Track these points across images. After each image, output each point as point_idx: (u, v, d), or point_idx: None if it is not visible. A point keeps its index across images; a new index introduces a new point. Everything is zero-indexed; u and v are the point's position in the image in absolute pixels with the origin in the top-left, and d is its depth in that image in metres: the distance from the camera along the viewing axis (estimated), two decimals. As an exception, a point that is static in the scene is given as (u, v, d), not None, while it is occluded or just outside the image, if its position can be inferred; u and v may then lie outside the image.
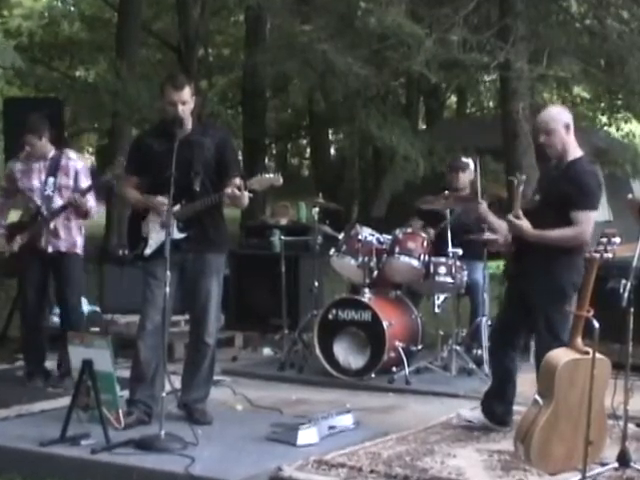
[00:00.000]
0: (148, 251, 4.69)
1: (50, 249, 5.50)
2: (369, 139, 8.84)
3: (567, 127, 4.42)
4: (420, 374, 5.82)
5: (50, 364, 5.74)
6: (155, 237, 4.67)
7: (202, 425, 4.58)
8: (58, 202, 5.49)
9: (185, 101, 4.61)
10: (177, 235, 4.60)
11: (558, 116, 4.44)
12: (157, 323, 4.57)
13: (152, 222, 4.70)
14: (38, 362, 5.66)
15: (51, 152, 5.56)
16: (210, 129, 4.84)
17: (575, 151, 4.45)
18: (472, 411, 4.78)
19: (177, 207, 4.58)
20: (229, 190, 4.54)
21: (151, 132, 4.94)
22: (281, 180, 4.68)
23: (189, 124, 4.68)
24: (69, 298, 5.61)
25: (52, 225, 5.47)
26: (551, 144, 4.41)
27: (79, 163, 5.63)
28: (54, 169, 5.51)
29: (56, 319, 6.05)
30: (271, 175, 4.68)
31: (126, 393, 4.72)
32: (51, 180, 5.49)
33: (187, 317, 5.40)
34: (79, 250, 5.61)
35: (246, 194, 4.54)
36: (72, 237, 5.56)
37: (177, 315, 5.94)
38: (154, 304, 4.57)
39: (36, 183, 5.53)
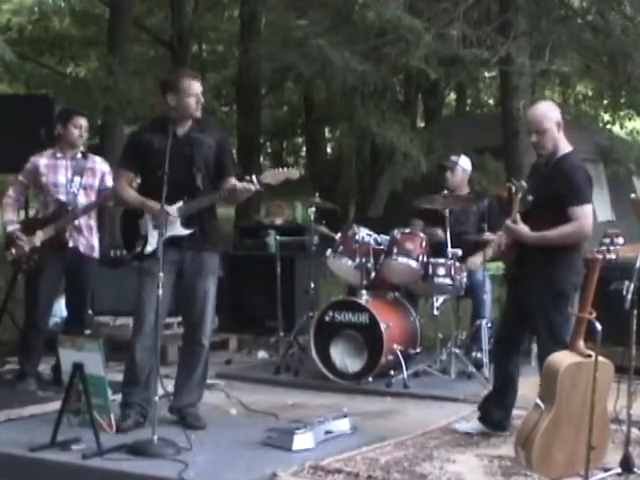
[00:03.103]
0: (149, 249, 4.60)
1: (71, 243, 5.48)
2: (368, 136, 8.75)
3: (558, 125, 4.40)
4: (419, 377, 5.77)
5: (42, 367, 5.68)
6: (156, 235, 4.57)
7: (196, 430, 4.52)
8: (82, 201, 5.47)
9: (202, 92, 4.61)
10: (181, 231, 4.56)
11: (549, 114, 4.41)
12: (152, 326, 4.51)
13: (150, 220, 4.62)
14: (33, 364, 5.60)
15: (78, 152, 5.55)
16: (209, 127, 4.79)
17: (565, 147, 4.43)
18: (468, 422, 4.75)
19: (180, 204, 4.54)
20: (240, 184, 4.51)
21: (149, 128, 4.83)
22: (297, 174, 4.65)
23: (189, 120, 4.63)
24: (84, 301, 5.61)
25: (78, 222, 5.45)
26: (543, 144, 4.39)
27: (105, 166, 5.65)
28: (81, 169, 5.51)
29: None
30: (286, 169, 4.64)
31: (118, 397, 4.66)
32: (77, 179, 5.49)
33: (180, 319, 5.32)
34: (96, 254, 5.59)
35: (251, 187, 4.51)
36: (91, 240, 5.55)
37: (170, 317, 5.85)
38: (152, 304, 4.50)
39: (62, 179, 5.50)
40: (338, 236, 6.08)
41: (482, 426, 4.62)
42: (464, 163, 6.36)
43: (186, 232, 4.56)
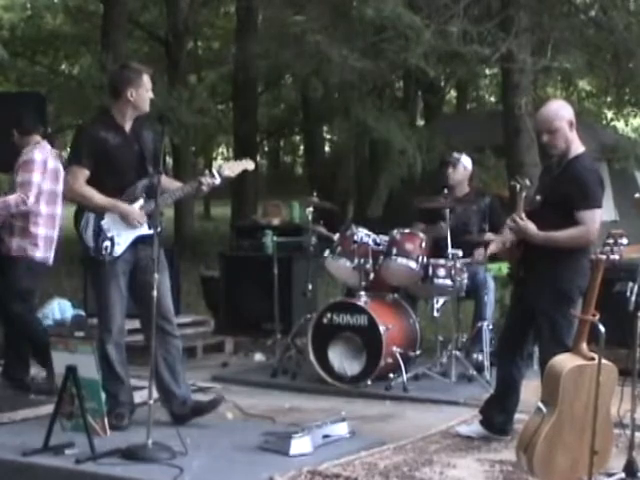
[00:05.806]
0: (119, 251, 4.56)
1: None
2: (365, 131, 8.72)
3: (571, 124, 4.33)
4: (418, 381, 5.73)
5: (34, 370, 5.61)
6: (124, 235, 4.56)
7: (220, 404, 4.71)
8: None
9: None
10: (148, 231, 4.54)
11: (562, 113, 4.33)
12: (121, 327, 4.58)
13: (114, 220, 4.55)
14: (22, 368, 5.51)
15: (31, 151, 5.36)
16: (141, 121, 4.69)
17: (577, 147, 4.37)
18: (469, 426, 4.71)
19: (140, 202, 4.55)
20: (205, 180, 4.56)
21: (101, 125, 4.67)
22: (253, 165, 4.73)
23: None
24: (7, 304, 5.39)
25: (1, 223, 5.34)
26: (555, 144, 4.32)
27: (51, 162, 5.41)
28: (17, 166, 5.35)
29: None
30: (242, 160, 4.69)
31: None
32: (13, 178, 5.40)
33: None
34: (30, 252, 5.34)
35: (215, 182, 4.59)
36: (22, 242, 5.33)
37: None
38: (118, 307, 4.54)
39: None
40: (336, 236, 6.05)
41: (483, 429, 4.58)
42: (466, 161, 6.32)
43: (150, 231, 4.48)
